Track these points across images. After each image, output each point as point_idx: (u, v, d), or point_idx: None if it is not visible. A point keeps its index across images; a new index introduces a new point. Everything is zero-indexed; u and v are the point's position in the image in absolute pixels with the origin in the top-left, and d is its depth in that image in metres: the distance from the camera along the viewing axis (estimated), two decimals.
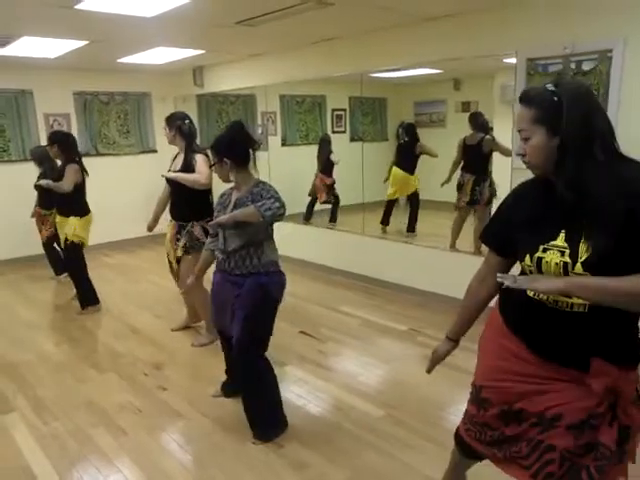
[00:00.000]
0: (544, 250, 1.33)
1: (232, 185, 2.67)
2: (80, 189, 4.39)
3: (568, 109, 1.29)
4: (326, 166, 6.68)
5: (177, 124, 3.68)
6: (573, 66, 3.46)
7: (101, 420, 2.89)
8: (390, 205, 6.35)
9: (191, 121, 3.76)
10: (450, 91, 6.52)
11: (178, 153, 3.79)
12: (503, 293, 1.56)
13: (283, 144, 7.02)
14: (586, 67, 3.41)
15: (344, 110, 7.30)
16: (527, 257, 1.37)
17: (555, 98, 1.30)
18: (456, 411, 2.93)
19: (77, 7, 3.48)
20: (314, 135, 7.22)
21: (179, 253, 3.74)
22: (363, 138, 6.78)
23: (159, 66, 6.35)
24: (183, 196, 3.67)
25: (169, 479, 2.40)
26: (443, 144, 6.05)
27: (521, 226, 1.42)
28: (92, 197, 4.59)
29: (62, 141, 4.40)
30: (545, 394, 1.41)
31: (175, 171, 3.69)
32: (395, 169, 6.34)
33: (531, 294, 1.40)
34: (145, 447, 2.64)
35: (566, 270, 1.29)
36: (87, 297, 4.67)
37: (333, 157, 6.62)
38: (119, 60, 5.85)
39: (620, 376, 1.32)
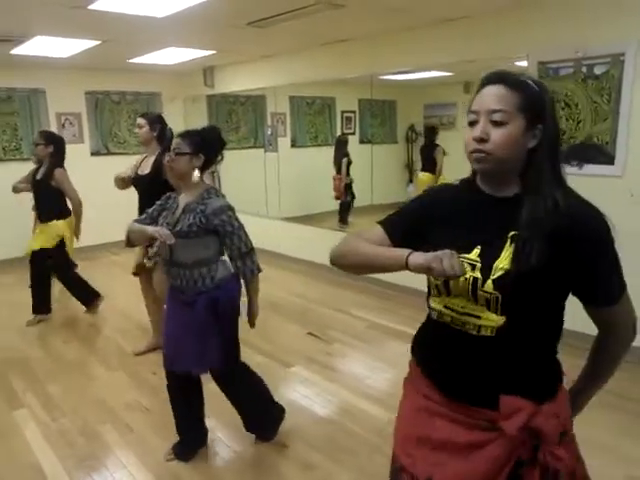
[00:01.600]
0: None
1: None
2: (63, 193, 4.30)
3: (551, 106, 1.17)
4: (340, 167, 6.71)
5: (160, 127, 3.58)
6: (584, 70, 3.44)
7: (109, 417, 2.92)
8: None
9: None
10: (460, 94, 6.50)
11: (146, 156, 3.65)
12: (416, 334, 1.42)
13: (292, 145, 7.04)
14: (598, 71, 3.40)
15: (353, 112, 7.30)
16: None
17: (537, 89, 1.16)
18: None
19: (90, 7, 3.51)
20: (323, 137, 7.23)
21: (149, 263, 3.53)
22: (372, 140, 6.79)
23: (170, 66, 6.38)
24: (152, 201, 3.07)
25: (175, 477, 2.41)
26: (453, 147, 6.03)
27: (435, 233, 1.26)
28: (101, 195, 4.61)
29: (58, 143, 4.31)
30: (466, 460, 1.20)
31: (144, 175, 3.54)
32: (420, 175, 6.30)
33: (435, 316, 1.27)
34: (152, 445, 2.65)
35: (475, 286, 1.16)
36: (86, 295, 4.59)
37: (344, 161, 6.63)
38: (130, 60, 5.90)
39: (537, 411, 1.14)
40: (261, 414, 2.65)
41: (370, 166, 5.56)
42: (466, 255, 1.18)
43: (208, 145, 2.37)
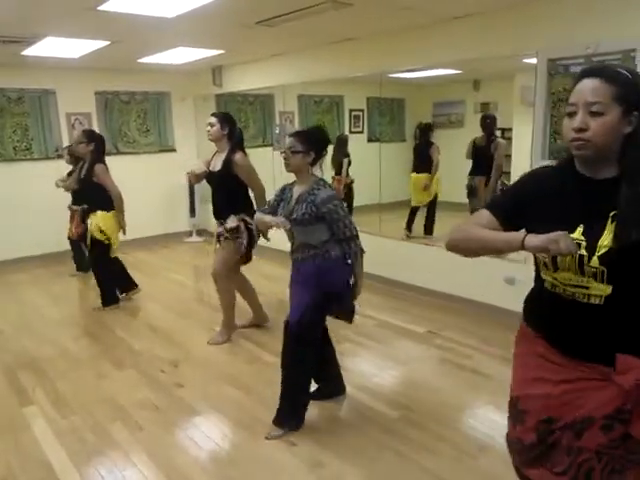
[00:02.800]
0: None
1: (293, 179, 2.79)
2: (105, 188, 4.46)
3: None
4: (340, 167, 6.67)
5: (230, 126, 3.71)
6: None
7: (118, 415, 2.93)
8: (413, 212, 6.27)
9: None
10: (469, 92, 6.49)
11: (216, 152, 3.80)
12: (527, 299, 1.55)
13: None
14: None
15: (362, 110, 7.29)
16: None
17: (632, 79, 1.27)
18: (472, 414, 2.91)
19: (100, 8, 3.53)
20: (332, 135, 7.21)
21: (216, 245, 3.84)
22: (381, 139, 6.76)
23: (179, 66, 6.40)
24: (225, 195, 3.71)
25: (184, 476, 2.42)
26: (462, 145, 6.01)
27: (538, 214, 1.39)
28: None
29: (99, 141, 4.49)
30: (576, 397, 1.38)
31: (215, 171, 3.71)
32: (413, 176, 6.29)
33: (548, 286, 1.40)
34: (161, 443, 2.66)
35: (581, 263, 1.29)
36: (108, 297, 4.71)
37: (345, 162, 6.59)
38: (140, 60, 5.92)
39: None
40: (287, 395, 2.71)
41: (378, 164, 5.54)
42: (570, 234, 1.27)
43: (317, 143, 2.69)
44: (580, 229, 1.30)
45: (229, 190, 3.68)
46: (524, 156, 4.32)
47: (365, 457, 2.51)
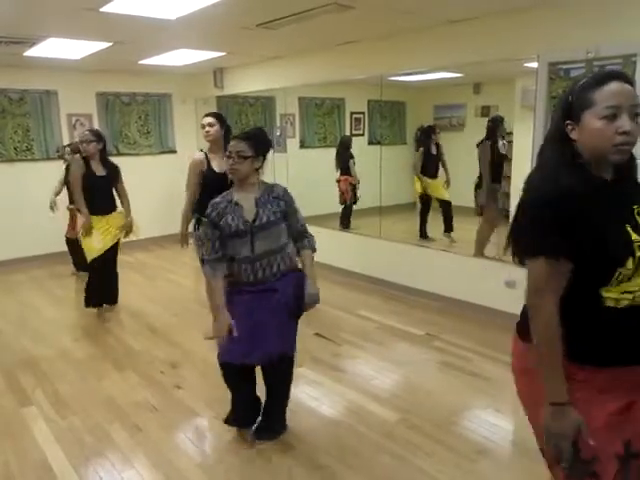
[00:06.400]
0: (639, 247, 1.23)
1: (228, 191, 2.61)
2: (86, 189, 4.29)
3: None
4: (347, 167, 6.67)
5: (226, 126, 3.71)
6: (596, 70, 3.42)
7: (117, 416, 2.93)
8: (423, 214, 6.22)
9: None
10: (470, 95, 6.48)
11: (212, 154, 3.76)
12: (570, 331, 1.31)
13: (301, 146, 7.04)
14: None
15: (363, 113, 7.30)
16: (629, 261, 1.22)
17: None
18: (471, 417, 2.90)
19: (102, 10, 3.54)
20: (332, 138, 7.23)
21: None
22: (381, 141, 6.76)
23: (180, 68, 6.42)
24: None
25: (182, 477, 2.42)
26: (462, 148, 6.01)
27: (593, 230, 1.24)
28: None
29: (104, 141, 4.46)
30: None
31: (223, 172, 3.73)
32: (433, 182, 6.27)
33: (611, 303, 1.27)
34: (160, 445, 2.66)
35: None
36: (88, 296, 4.53)
37: (351, 163, 6.60)
38: (141, 62, 5.93)
39: None
40: (280, 413, 2.74)
41: (379, 167, 5.55)
42: (635, 238, 1.23)
43: (264, 147, 2.54)
44: (629, 229, 1.24)
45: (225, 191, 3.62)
46: (524, 160, 4.32)
47: (363, 460, 2.50)
